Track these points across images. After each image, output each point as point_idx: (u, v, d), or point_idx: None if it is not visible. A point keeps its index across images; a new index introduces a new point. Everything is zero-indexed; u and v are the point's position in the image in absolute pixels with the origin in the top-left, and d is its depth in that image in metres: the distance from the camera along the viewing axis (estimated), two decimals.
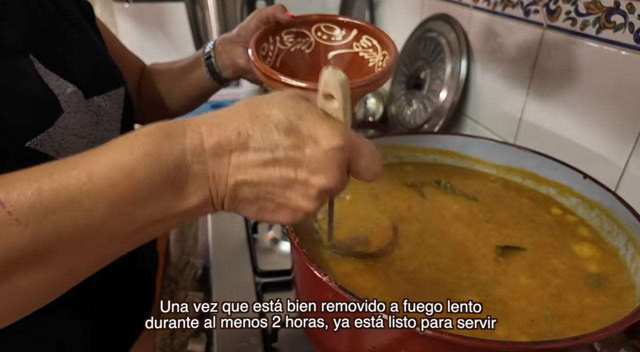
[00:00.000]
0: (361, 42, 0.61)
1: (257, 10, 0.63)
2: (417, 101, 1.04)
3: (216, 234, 0.74)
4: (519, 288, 0.46)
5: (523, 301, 0.45)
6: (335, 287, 0.38)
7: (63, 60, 0.53)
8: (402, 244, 0.52)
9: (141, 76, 0.78)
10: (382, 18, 1.41)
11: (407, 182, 0.63)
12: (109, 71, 0.61)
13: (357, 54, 0.61)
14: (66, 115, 0.51)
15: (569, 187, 0.58)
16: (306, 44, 0.62)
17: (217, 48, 0.69)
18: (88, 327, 0.61)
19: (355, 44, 0.61)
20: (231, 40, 0.67)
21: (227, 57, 0.68)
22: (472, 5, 0.92)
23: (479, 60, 0.93)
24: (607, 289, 0.47)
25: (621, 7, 0.60)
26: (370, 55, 0.60)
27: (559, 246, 0.52)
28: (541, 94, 0.77)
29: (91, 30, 0.62)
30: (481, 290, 0.46)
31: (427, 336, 0.34)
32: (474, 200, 0.60)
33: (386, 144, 0.67)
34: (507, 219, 0.57)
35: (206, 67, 0.70)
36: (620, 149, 0.64)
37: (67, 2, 0.58)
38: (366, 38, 0.61)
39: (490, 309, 0.43)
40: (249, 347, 0.54)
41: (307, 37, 0.62)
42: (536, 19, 0.75)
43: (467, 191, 0.62)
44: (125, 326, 0.70)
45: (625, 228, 0.50)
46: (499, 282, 0.47)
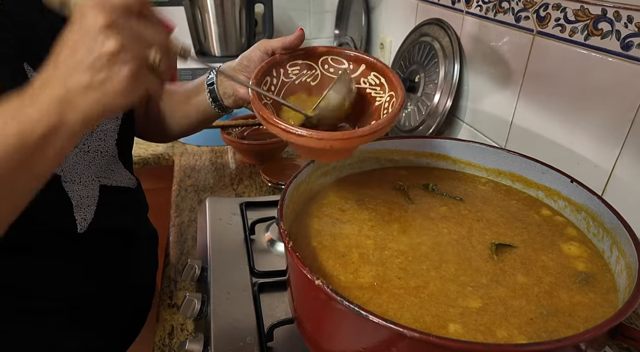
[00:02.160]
0: (369, 78, 0.60)
1: (261, 42, 0.62)
2: (412, 104, 1.06)
3: (214, 236, 0.76)
4: (518, 286, 0.48)
5: (522, 299, 0.46)
6: (327, 290, 0.39)
7: None
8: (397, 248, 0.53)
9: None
10: (377, 22, 1.43)
11: (395, 185, 0.65)
12: None
13: (364, 90, 0.60)
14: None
15: (557, 190, 0.60)
16: (312, 76, 0.61)
17: (219, 76, 0.70)
18: (78, 330, 0.62)
19: (362, 79, 0.60)
20: (234, 70, 0.67)
21: (228, 86, 0.69)
22: (465, 10, 0.94)
23: (472, 64, 0.94)
24: (595, 287, 0.48)
25: (608, 15, 0.62)
26: (377, 93, 0.59)
27: (548, 244, 0.54)
28: (531, 98, 0.79)
29: None
30: (485, 293, 0.47)
31: (414, 338, 0.35)
32: (461, 201, 0.62)
33: (379, 148, 0.69)
34: (497, 219, 0.58)
35: (208, 93, 0.71)
36: (608, 153, 0.65)
37: None
38: (374, 75, 0.59)
39: (492, 312, 0.45)
40: (246, 346, 0.55)
41: (314, 70, 0.61)
42: (527, 25, 0.77)
43: (454, 193, 0.63)
44: (125, 326, 0.71)
45: (610, 231, 0.52)
46: (498, 282, 0.48)
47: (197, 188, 0.98)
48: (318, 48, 0.60)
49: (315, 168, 0.62)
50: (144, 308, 0.76)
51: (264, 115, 0.50)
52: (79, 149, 0.57)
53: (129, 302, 0.72)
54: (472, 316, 0.44)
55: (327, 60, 0.60)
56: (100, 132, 0.60)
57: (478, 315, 0.44)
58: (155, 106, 0.77)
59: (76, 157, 0.57)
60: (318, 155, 0.55)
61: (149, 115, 0.78)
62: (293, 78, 0.60)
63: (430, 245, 0.53)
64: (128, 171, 0.70)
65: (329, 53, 0.60)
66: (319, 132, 0.48)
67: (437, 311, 0.44)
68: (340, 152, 0.53)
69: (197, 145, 1.18)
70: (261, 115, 0.50)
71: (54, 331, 0.59)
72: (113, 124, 0.62)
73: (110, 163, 0.64)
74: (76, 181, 0.57)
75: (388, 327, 0.36)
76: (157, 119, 0.78)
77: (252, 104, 0.53)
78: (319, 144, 0.47)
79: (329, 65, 0.61)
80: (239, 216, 0.81)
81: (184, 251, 0.78)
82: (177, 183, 1.00)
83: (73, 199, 0.57)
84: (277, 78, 0.59)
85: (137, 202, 0.76)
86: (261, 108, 0.51)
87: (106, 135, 0.61)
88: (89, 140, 0.59)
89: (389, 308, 0.45)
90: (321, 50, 0.60)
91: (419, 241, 0.54)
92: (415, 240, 0.54)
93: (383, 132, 0.51)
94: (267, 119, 0.49)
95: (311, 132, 0.48)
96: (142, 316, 0.75)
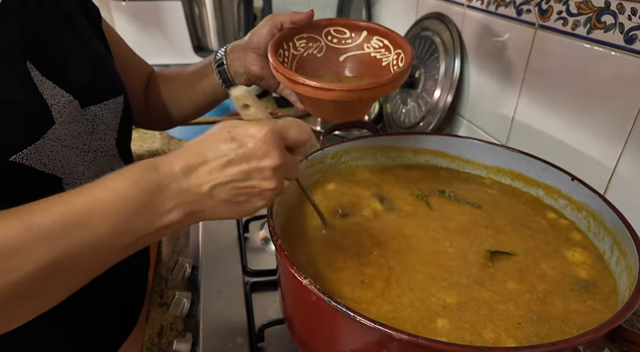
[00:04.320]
0: (372, 43, 0.63)
1: (269, 17, 0.62)
2: (412, 100, 1.04)
3: (207, 233, 0.74)
4: (506, 292, 0.46)
5: (510, 304, 0.45)
6: (315, 290, 0.38)
7: (61, 69, 0.52)
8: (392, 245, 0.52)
9: (149, 82, 0.77)
10: (378, 16, 1.41)
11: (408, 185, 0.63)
12: (109, 80, 0.60)
13: (369, 55, 0.63)
14: (57, 127, 0.50)
15: (557, 188, 0.58)
16: (318, 48, 0.64)
17: (228, 55, 0.68)
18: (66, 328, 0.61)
19: (366, 45, 0.63)
20: (243, 48, 0.66)
21: (239, 64, 0.68)
22: (466, 4, 0.92)
23: (472, 59, 0.92)
24: (595, 294, 0.47)
25: (612, 7, 0.60)
26: (383, 55, 0.62)
27: (551, 252, 0.52)
28: (533, 94, 0.77)
29: (95, 37, 0.61)
30: (462, 292, 0.46)
31: (402, 340, 0.34)
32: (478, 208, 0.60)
33: (376, 144, 0.67)
34: (505, 226, 0.56)
35: (218, 74, 0.69)
36: (610, 150, 0.63)
37: (71, 9, 0.58)
38: (377, 38, 0.62)
39: (475, 312, 0.44)
40: (235, 347, 0.54)
41: (319, 42, 0.64)
42: (528, 18, 0.75)
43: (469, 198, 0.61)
44: (115, 325, 0.70)
45: (610, 231, 0.50)
46: (482, 285, 0.47)
47: None
48: (321, 21, 0.63)
49: (309, 165, 0.60)
50: (135, 307, 0.75)
51: (292, 77, 0.54)
52: (79, 150, 0.55)
53: (120, 301, 0.70)
54: (454, 311, 0.43)
55: (330, 31, 0.64)
56: (100, 131, 0.59)
57: (459, 311, 0.43)
58: (157, 92, 0.76)
59: (77, 158, 0.56)
60: (344, 112, 0.59)
61: (150, 102, 0.76)
62: (301, 51, 0.64)
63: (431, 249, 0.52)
64: None
65: (331, 24, 0.64)
66: (346, 84, 0.52)
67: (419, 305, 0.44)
68: (366, 103, 0.58)
69: None
70: (288, 78, 0.54)
71: (41, 330, 0.58)
72: (113, 122, 0.61)
73: (110, 162, 0.63)
74: (77, 183, 0.56)
75: (376, 329, 0.35)
76: (159, 106, 0.76)
77: (275, 70, 0.56)
78: (348, 96, 0.51)
79: (332, 36, 0.64)
80: None
81: (176, 249, 0.77)
82: None
83: None
84: (288, 51, 0.63)
85: None
86: (288, 72, 0.54)
87: (106, 134, 0.60)
88: (90, 140, 0.57)
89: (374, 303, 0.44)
90: (324, 23, 0.64)
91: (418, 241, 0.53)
92: (414, 239, 0.53)
93: (403, 80, 0.55)
94: (296, 80, 0.53)
95: (340, 85, 0.51)
96: (134, 315, 0.74)
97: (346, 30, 0.63)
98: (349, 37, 0.63)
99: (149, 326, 0.62)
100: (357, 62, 0.64)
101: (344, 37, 0.64)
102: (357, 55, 0.64)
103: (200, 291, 0.61)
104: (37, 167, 0.48)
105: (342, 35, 0.64)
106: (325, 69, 0.64)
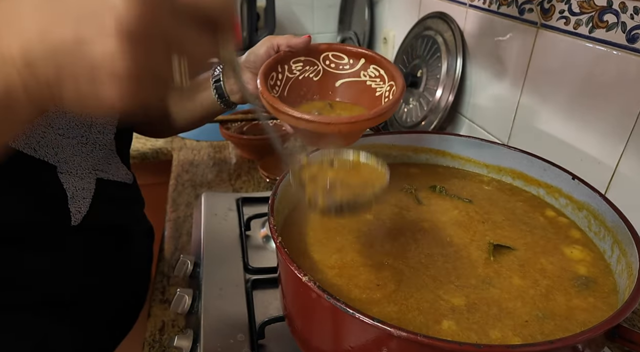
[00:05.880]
0: (368, 71, 0.62)
1: (268, 38, 0.63)
2: (414, 99, 1.04)
3: (209, 231, 0.75)
4: (513, 288, 0.46)
5: (517, 301, 0.45)
6: (314, 287, 0.38)
7: None
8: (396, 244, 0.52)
9: None
10: (381, 16, 1.41)
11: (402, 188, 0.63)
12: None
13: (365, 83, 0.63)
14: (50, 114, 0.51)
15: (558, 187, 0.58)
16: (314, 71, 0.64)
17: (226, 73, 0.69)
18: (69, 324, 0.61)
19: (362, 73, 0.63)
20: (240, 66, 0.66)
21: (235, 82, 0.68)
22: (469, 3, 0.92)
23: (474, 58, 0.92)
24: (595, 291, 0.47)
25: (614, 6, 0.60)
26: (378, 84, 0.62)
27: (551, 248, 0.52)
28: (535, 93, 0.77)
29: None
30: (471, 292, 0.46)
31: (401, 337, 0.34)
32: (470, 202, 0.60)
33: (377, 142, 0.67)
34: (502, 221, 0.56)
35: (214, 90, 0.70)
36: (612, 150, 0.63)
37: None
38: (373, 67, 0.62)
39: (485, 312, 0.43)
40: (236, 343, 0.54)
41: (316, 66, 0.63)
42: (530, 17, 0.75)
43: (461, 193, 0.62)
44: (117, 322, 0.70)
45: (611, 230, 0.50)
46: (491, 283, 0.47)
47: (195, 183, 0.97)
48: (320, 45, 0.63)
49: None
50: (137, 303, 0.75)
51: (275, 105, 0.53)
52: (76, 140, 0.56)
53: (122, 297, 0.71)
54: (463, 313, 0.43)
55: (328, 56, 0.63)
56: (99, 124, 0.59)
57: (469, 313, 0.43)
58: (156, 104, 0.76)
59: (73, 149, 0.56)
60: (327, 141, 0.58)
61: (149, 113, 0.77)
62: (297, 74, 0.63)
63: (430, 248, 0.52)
64: (125, 166, 0.69)
65: (330, 49, 0.63)
66: (326, 117, 0.52)
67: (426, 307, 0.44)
68: (348, 136, 0.57)
69: (197, 140, 1.17)
70: (272, 105, 0.53)
71: (44, 325, 0.59)
72: (112, 118, 0.62)
73: (108, 156, 0.63)
74: (72, 173, 0.57)
75: (376, 327, 0.35)
76: (159, 113, 0.77)
77: (261, 95, 0.55)
78: (327, 128, 0.50)
79: (330, 60, 0.63)
80: (235, 211, 0.80)
81: (179, 246, 0.77)
82: (175, 178, 0.99)
83: (68, 190, 0.56)
84: (282, 73, 0.62)
85: (133, 198, 0.75)
86: (272, 99, 0.54)
87: (105, 128, 0.61)
88: (88, 132, 0.58)
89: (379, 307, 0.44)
90: (322, 48, 0.63)
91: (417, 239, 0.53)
92: (413, 239, 0.53)
93: (386, 117, 0.54)
94: (278, 108, 0.52)
95: (320, 117, 0.51)
96: (135, 311, 0.75)
97: (344, 56, 0.63)
98: (347, 63, 0.63)
99: (150, 322, 0.62)
100: (353, 89, 0.64)
101: (341, 62, 0.63)
102: (353, 82, 0.64)
103: (202, 288, 0.62)
104: (25, 151, 0.48)
105: (340, 60, 0.64)
106: (321, 93, 0.64)
